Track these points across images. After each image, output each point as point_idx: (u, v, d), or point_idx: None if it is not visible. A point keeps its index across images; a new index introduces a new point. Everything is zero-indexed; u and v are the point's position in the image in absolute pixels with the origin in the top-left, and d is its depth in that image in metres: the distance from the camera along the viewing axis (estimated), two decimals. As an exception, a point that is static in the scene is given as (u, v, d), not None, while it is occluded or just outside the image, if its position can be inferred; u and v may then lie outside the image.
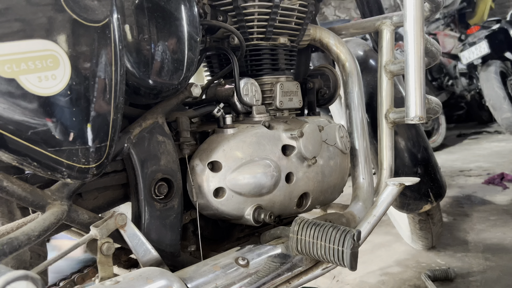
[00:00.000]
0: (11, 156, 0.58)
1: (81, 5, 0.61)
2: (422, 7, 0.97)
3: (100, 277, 0.70)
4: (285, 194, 0.96)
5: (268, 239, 0.94)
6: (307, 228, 0.84)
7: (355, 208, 1.18)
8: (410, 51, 0.99)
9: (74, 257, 1.20)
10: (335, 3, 6.41)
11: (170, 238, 0.84)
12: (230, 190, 0.89)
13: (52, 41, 0.59)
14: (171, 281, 0.67)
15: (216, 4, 1.02)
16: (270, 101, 1.09)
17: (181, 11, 0.81)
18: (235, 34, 1.00)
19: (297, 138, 0.96)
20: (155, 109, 0.84)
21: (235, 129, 0.94)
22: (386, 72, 1.21)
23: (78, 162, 0.63)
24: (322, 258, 0.83)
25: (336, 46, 1.22)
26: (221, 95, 1.04)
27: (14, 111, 0.56)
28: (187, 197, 0.90)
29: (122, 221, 0.72)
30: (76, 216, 0.72)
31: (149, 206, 0.81)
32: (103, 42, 0.65)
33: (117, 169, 0.82)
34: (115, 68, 0.67)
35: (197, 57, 0.86)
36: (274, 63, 1.10)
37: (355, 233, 0.81)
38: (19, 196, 0.64)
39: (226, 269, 0.79)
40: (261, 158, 0.92)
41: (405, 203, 1.55)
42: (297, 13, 1.09)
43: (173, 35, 0.80)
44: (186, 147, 0.89)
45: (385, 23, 1.22)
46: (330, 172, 1.06)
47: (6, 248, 0.58)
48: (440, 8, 1.17)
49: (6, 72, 0.55)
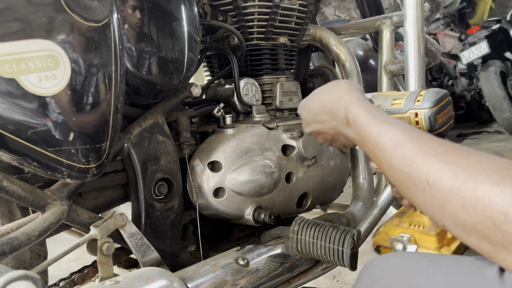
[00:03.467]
0: (11, 156, 0.58)
1: (81, 5, 0.61)
2: (422, 7, 0.97)
3: (100, 277, 0.70)
4: (285, 194, 0.96)
5: (268, 239, 0.94)
6: (307, 228, 0.84)
7: (355, 208, 1.18)
8: (410, 51, 0.99)
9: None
10: (335, 3, 6.41)
11: (170, 238, 0.84)
12: (230, 190, 0.89)
13: (52, 41, 0.59)
14: (171, 281, 0.67)
15: (216, 4, 1.02)
16: (270, 101, 1.09)
17: (181, 11, 0.81)
18: (235, 34, 1.00)
19: (297, 138, 0.96)
20: (155, 109, 0.84)
21: (235, 129, 0.94)
22: (386, 72, 1.21)
23: (78, 162, 0.63)
24: (322, 258, 0.83)
25: (336, 46, 1.22)
26: (221, 95, 1.04)
27: (14, 111, 0.56)
28: (187, 197, 0.90)
29: (122, 221, 0.72)
30: (76, 216, 0.72)
31: (149, 206, 0.81)
32: (103, 42, 0.65)
33: (117, 169, 0.82)
34: (115, 68, 0.67)
35: (197, 57, 0.86)
36: (274, 63, 1.10)
37: (355, 233, 0.81)
38: (19, 196, 0.64)
39: (226, 269, 0.79)
40: (261, 158, 0.92)
41: (405, 203, 1.55)
42: (297, 13, 1.09)
43: (173, 35, 0.80)
44: (186, 147, 0.89)
45: (385, 23, 1.22)
46: (330, 172, 1.06)
47: (6, 248, 0.58)
48: (440, 8, 1.17)
49: (6, 72, 0.55)
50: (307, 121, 0.71)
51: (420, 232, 0.81)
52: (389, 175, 0.53)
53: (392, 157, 0.51)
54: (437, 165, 0.46)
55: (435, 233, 0.80)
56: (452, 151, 0.47)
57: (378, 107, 0.69)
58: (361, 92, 0.63)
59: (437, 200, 0.46)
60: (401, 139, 0.51)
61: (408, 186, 0.49)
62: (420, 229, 0.82)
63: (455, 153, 0.47)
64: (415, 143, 0.50)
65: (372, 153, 0.56)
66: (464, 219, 0.43)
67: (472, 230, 0.43)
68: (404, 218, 0.84)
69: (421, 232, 0.80)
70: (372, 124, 0.55)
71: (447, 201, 0.45)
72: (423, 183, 0.47)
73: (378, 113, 0.57)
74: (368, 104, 0.59)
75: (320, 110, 0.66)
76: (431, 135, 0.52)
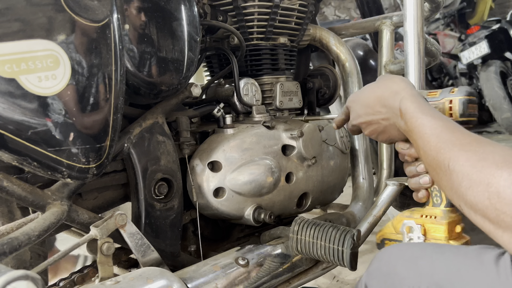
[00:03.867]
0: (11, 156, 0.58)
1: (81, 5, 0.61)
2: (422, 7, 0.97)
3: (100, 277, 0.70)
4: (285, 194, 0.96)
5: (268, 239, 0.94)
6: (307, 228, 0.84)
7: (355, 208, 1.18)
8: (410, 51, 0.99)
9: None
10: (335, 3, 6.41)
11: (170, 238, 0.84)
12: (230, 190, 0.88)
13: (52, 41, 0.59)
14: (171, 281, 0.67)
15: (216, 4, 1.02)
16: (270, 101, 1.09)
17: (181, 11, 0.81)
18: (235, 34, 1.00)
19: (297, 138, 0.96)
20: (155, 109, 0.84)
21: (235, 129, 0.93)
22: (386, 72, 1.21)
23: (78, 162, 0.63)
24: (322, 258, 0.83)
25: (336, 46, 1.22)
26: (221, 95, 1.04)
27: (14, 111, 0.56)
28: (187, 197, 0.90)
29: (122, 221, 0.72)
30: (76, 216, 0.72)
31: (149, 206, 0.81)
32: (103, 42, 0.65)
33: (117, 169, 0.82)
34: (115, 68, 0.67)
35: (197, 57, 0.86)
36: (274, 63, 1.10)
37: (355, 233, 0.81)
38: (19, 196, 0.64)
39: (226, 269, 0.79)
40: (261, 158, 0.92)
41: (405, 203, 1.55)
42: (297, 13, 1.09)
43: (173, 35, 0.80)
44: (186, 147, 0.89)
45: (385, 23, 1.22)
46: (330, 172, 1.06)
47: (6, 248, 0.58)
48: (440, 8, 1.17)
49: (6, 72, 0.55)
50: (359, 113, 0.78)
51: (431, 222, 0.84)
52: (424, 160, 0.61)
53: (427, 144, 0.59)
54: (458, 152, 0.54)
55: (446, 222, 0.84)
56: (475, 142, 0.54)
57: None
58: (414, 88, 0.71)
59: (454, 182, 0.53)
60: (438, 130, 0.59)
61: (436, 170, 0.57)
62: (431, 219, 0.85)
63: (477, 144, 0.53)
64: (448, 134, 0.57)
65: (414, 141, 0.64)
66: (471, 199, 0.50)
67: (476, 209, 0.49)
68: (415, 210, 0.88)
69: (432, 221, 0.84)
70: (418, 116, 0.63)
71: (460, 183, 0.51)
72: (446, 167, 0.54)
73: (425, 107, 0.64)
74: (419, 99, 0.67)
75: (376, 102, 0.74)
76: (463, 128, 0.58)
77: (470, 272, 0.53)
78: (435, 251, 0.60)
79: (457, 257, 0.57)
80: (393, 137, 0.75)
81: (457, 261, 0.56)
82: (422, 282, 0.57)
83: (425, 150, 0.60)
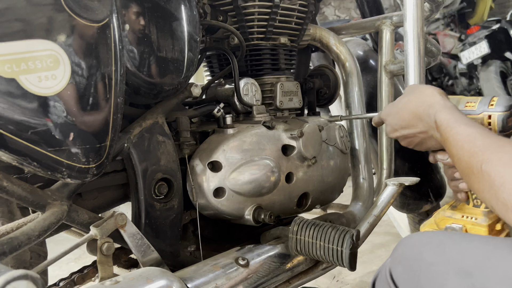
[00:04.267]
0: (11, 156, 0.58)
1: (81, 5, 0.61)
2: (422, 7, 0.97)
3: (100, 277, 0.70)
4: (285, 194, 0.96)
5: (268, 239, 0.94)
6: (306, 228, 0.84)
7: (355, 208, 1.18)
8: (410, 51, 0.99)
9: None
10: (335, 3, 6.41)
11: (170, 238, 0.84)
12: (230, 190, 0.88)
13: (52, 41, 0.59)
14: (171, 281, 0.67)
15: (216, 4, 1.02)
16: (270, 101, 1.09)
17: (181, 11, 0.81)
18: (235, 34, 1.00)
19: (297, 138, 0.96)
20: (155, 109, 0.84)
21: (235, 129, 0.93)
22: (386, 72, 1.21)
23: (78, 162, 0.63)
24: (322, 258, 0.83)
25: (336, 46, 1.22)
26: (221, 95, 1.04)
27: (14, 111, 0.56)
28: (187, 197, 0.90)
29: (122, 221, 0.72)
30: (76, 216, 0.72)
31: (149, 206, 0.81)
32: (103, 42, 0.65)
33: (117, 169, 0.82)
34: (115, 68, 0.67)
35: (197, 57, 0.86)
36: (274, 63, 1.09)
37: (354, 233, 0.81)
38: (19, 196, 0.64)
39: (226, 269, 0.79)
40: (261, 158, 0.92)
41: (405, 203, 1.55)
42: (297, 13, 1.09)
43: (173, 35, 0.80)
44: (186, 147, 0.89)
45: (385, 23, 1.22)
46: (330, 172, 1.06)
47: (6, 248, 0.58)
48: (440, 8, 1.17)
49: (6, 72, 0.55)
50: (394, 128, 0.82)
51: (472, 223, 0.85)
52: (458, 166, 0.64)
53: (460, 151, 0.62)
54: (490, 154, 0.57)
55: (486, 224, 0.84)
56: (508, 144, 0.56)
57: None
58: (447, 99, 0.74)
59: (486, 182, 0.55)
60: (471, 137, 0.62)
61: (469, 175, 0.60)
62: (472, 220, 0.86)
63: (509, 145, 0.56)
64: (480, 140, 0.60)
65: (448, 149, 0.67)
66: (503, 196, 0.52)
67: (508, 206, 0.52)
68: (457, 210, 0.89)
69: (473, 223, 0.85)
70: (452, 126, 0.66)
71: (493, 182, 0.54)
72: (478, 169, 0.57)
73: (459, 117, 0.67)
74: (453, 110, 0.70)
75: (412, 117, 0.77)
76: (495, 134, 0.61)
77: (502, 262, 0.53)
78: (463, 239, 0.60)
79: (487, 246, 0.57)
80: (430, 147, 0.78)
81: (487, 249, 0.56)
82: (450, 268, 0.57)
83: (459, 157, 0.62)
